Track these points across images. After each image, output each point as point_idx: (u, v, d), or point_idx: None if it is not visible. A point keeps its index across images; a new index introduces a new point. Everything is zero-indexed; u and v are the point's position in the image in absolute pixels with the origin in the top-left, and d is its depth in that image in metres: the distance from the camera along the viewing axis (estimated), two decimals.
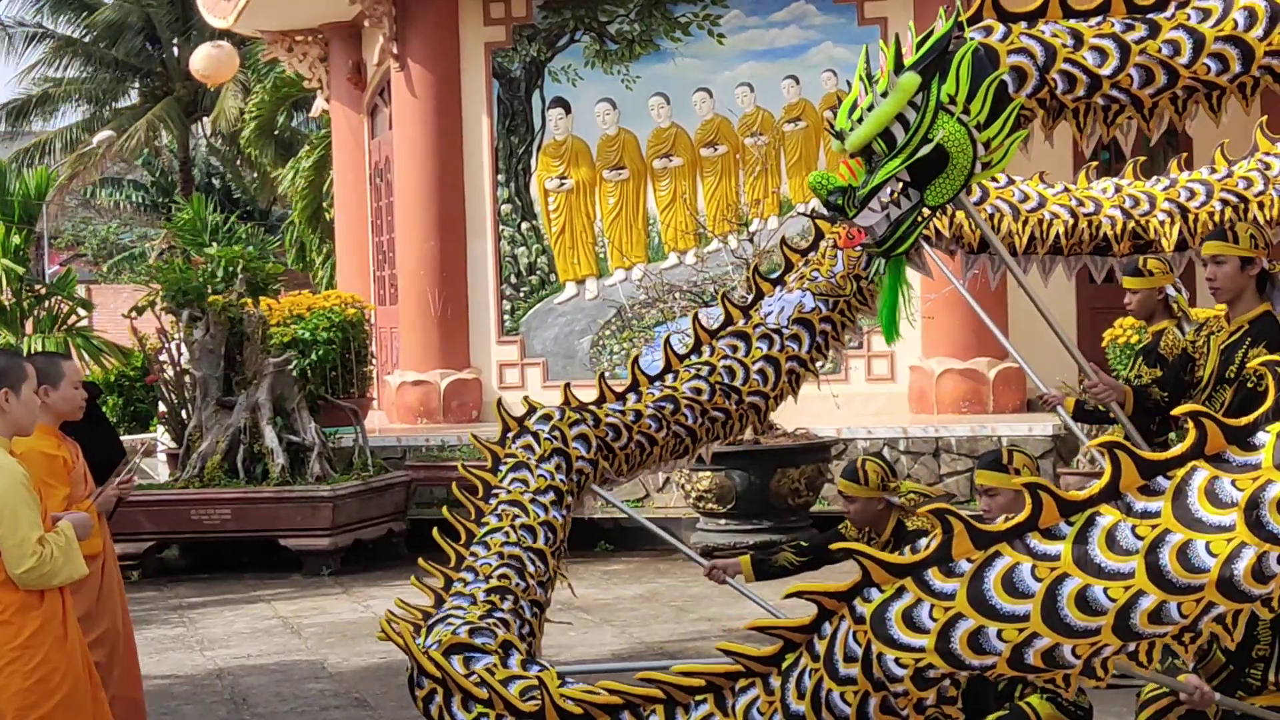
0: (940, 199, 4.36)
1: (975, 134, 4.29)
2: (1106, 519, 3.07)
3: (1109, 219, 6.11)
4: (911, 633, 3.10)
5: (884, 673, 3.12)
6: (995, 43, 4.41)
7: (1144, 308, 6.81)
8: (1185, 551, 2.97)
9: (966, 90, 4.27)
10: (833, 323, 5.59)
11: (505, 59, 15.12)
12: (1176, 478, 3.05)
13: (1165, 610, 2.97)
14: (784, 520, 11.55)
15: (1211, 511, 2.99)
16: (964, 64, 4.28)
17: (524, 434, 5.14)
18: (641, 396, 5.36)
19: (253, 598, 11.21)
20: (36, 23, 34.16)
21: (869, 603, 3.16)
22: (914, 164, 4.27)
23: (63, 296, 18.83)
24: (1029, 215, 6.11)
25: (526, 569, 4.58)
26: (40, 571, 4.93)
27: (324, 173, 21.68)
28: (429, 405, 15.04)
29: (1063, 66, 4.45)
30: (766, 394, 5.50)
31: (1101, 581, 3.01)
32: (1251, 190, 5.89)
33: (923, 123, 4.25)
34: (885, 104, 4.26)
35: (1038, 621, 3.02)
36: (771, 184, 14.57)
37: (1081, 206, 6.15)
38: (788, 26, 14.60)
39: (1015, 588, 3.05)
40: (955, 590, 3.09)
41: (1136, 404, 5.89)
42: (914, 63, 4.27)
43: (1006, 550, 3.10)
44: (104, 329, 20.35)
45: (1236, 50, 4.51)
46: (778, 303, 5.57)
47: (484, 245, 15.20)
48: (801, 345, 5.53)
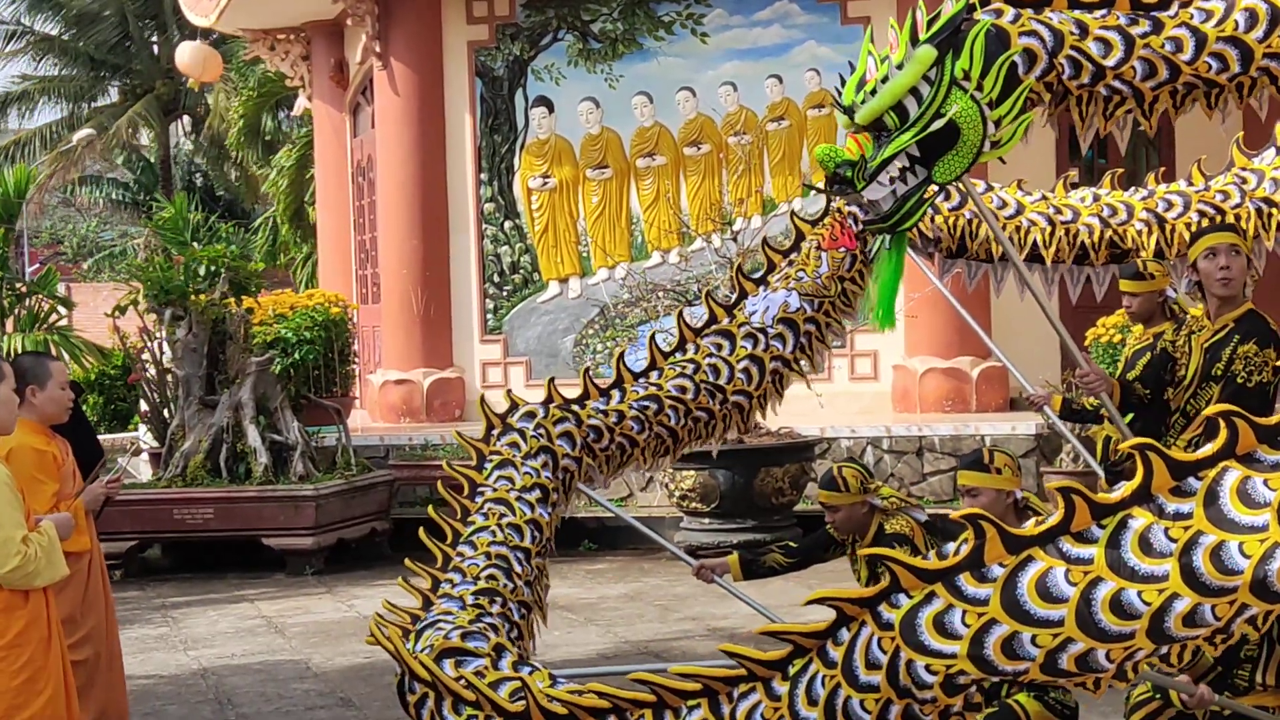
0: (948, 176, 4.35)
1: (987, 112, 4.30)
2: (1139, 521, 3.03)
3: (1086, 227, 6.13)
4: (943, 639, 3.06)
5: (912, 679, 3.08)
6: (1006, 24, 4.43)
7: (1143, 310, 6.85)
8: (1219, 553, 2.93)
9: (980, 67, 4.27)
10: (817, 324, 5.57)
11: (488, 58, 15.11)
12: (1208, 479, 3.01)
13: (1200, 613, 2.94)
14: (768, 519, 11.55)
15: (1244, 512, 2.95)
16: (978, 41, 4.29)
17: (509, 431, 5.10)
18: (625, 394, 5.32)
19: (236, 597, 11.18)
20: (15, 20, 34.02)
21: (897, 609, 3.12)
22: (925, 139, 4.27)
23: (44, 295, 18.76)
24: (1006, 222, 6.12)
25: (514, 569, 4.55)
26: (24, 571, 4.91)
27: (305, 171, 21.64)
28: (412, 404, 15.02)
29: (1069, 52, 4.47)
30: (750, 393, 5.46)
31: (1136, 585, 2.97)
32: (1228, 203, 5.94)
33: (936, 97, 4.25)
34: (901, 76, 4.24)
35: (1072, 626, 2.99)
36: (755, 183, 14.58)
37: (1059, 214, 6.16)
38: (771, 26, 14.60)
39: (1050, 592, 3.02)
40: (989, 596, 3.05)
41: (1123, 398, 5.94)
42: (930, 36, 4.27)
43: (1040, 555, 3.06)
44: (83, 328, 20.28)
45: (1236, 51, 4.55)
46: (762, 302, 5.54)
47: (467, 244, 15.18)
48: (786, 345, 5.50)
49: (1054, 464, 12.15)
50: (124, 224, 38.44)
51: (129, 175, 37.80)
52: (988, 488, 5.06)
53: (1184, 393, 5.73)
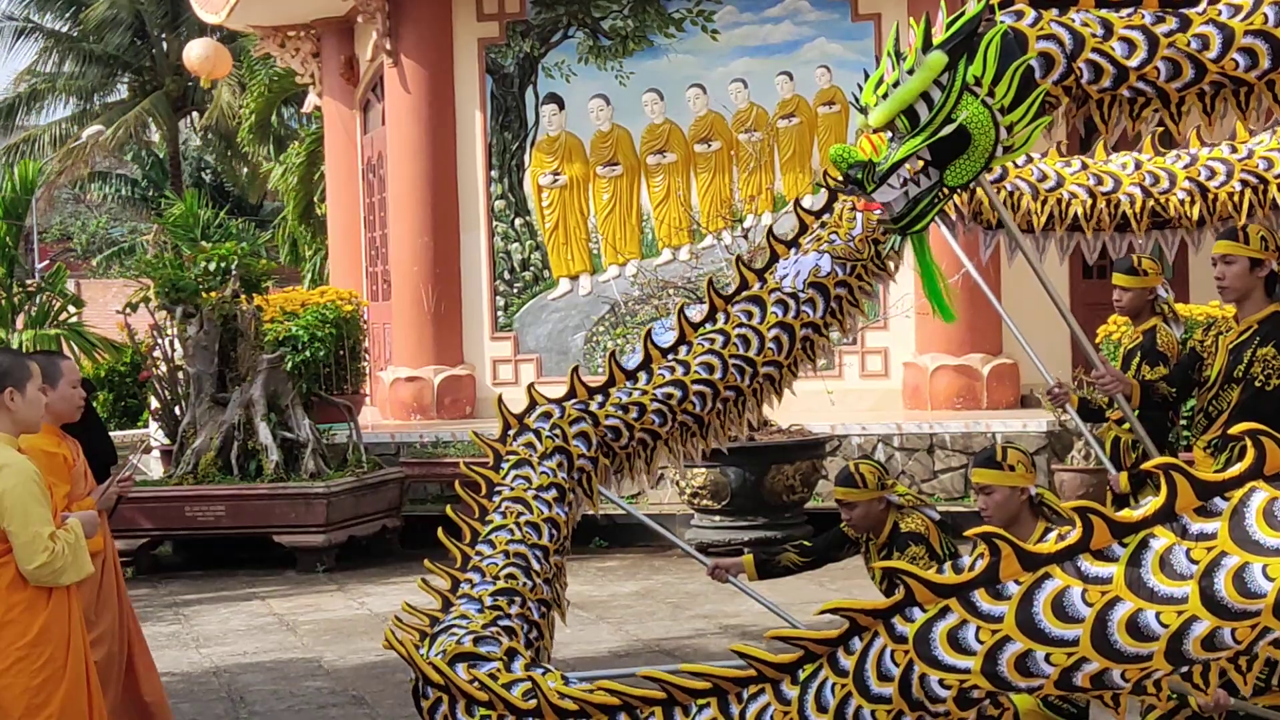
0: (960, 180, 4.35)
1: (999, 117, 4.29)
2: (1160, 541, 2.99)
3: (1128, 196, 5.96)
4: (957, 654, 3.05)
5: (925, 693, 3.07)
6: (1025, 27, 4.40)
7: (1134, 306, 6.86)
8: (1241, 575, 2.87)
9: (993, 73, 4.26)
10: (849, 287, 5.36)
11: (499, 55, 15.11)
12: (1234, 499, 2.96)
13: (1219, 636, 2.90)
14: (778, 517, 11.55)
15: (1269, 534, 2.89)
16: (992, 46, 4.27)
17: (525, 431, 5.10)
18: (653, 376, 5.20)
19: (248, 595, 11.19)
20: (26, 17, 34.06)
21: (911, 622, 3.10)
22: (935, 143, 4.26)
23: (52, 293, 18.78)
24: (1048, 195, 5.99)
25: (532, 566, 4.56)
26: (52, 568, 4.94)
27: (315, 168, 21.64)
28: (422, 401, 15.03)
29: (1090, 56, 4.43)
30: (780, 363, 5.29)
31: (1154, 606, 2.93)
32: (1272, 171, 5.77)
33: (947, 102, 4.24)
34: (911, 81, 4.25)
35: (1087, 646, 2.96)
36: (765, 180, 14.57)
37: (1100, 185, 6.01)
38: (781, 22, 14.60)
39: (1065, 612, 2.99)
40: (1003, 613, 3.03)
41: (1143, 398, 5.91)
42: (942, 42, 4.26)
43: (1056, 573, 3.03)
44: (93, 324, 20.30)
45: (1266, 45, 4.45)
46: (793, 266, 5.35)
47: (477, 241, 15.19)
48: (816, 310, 5.30)
49: (1065, 461, 12.14)
50: (133, 220, 38.50)
51: (138, 171, 37.88)
52: (1001, 485, 5.03)
53: (1207, 393, 5.69)
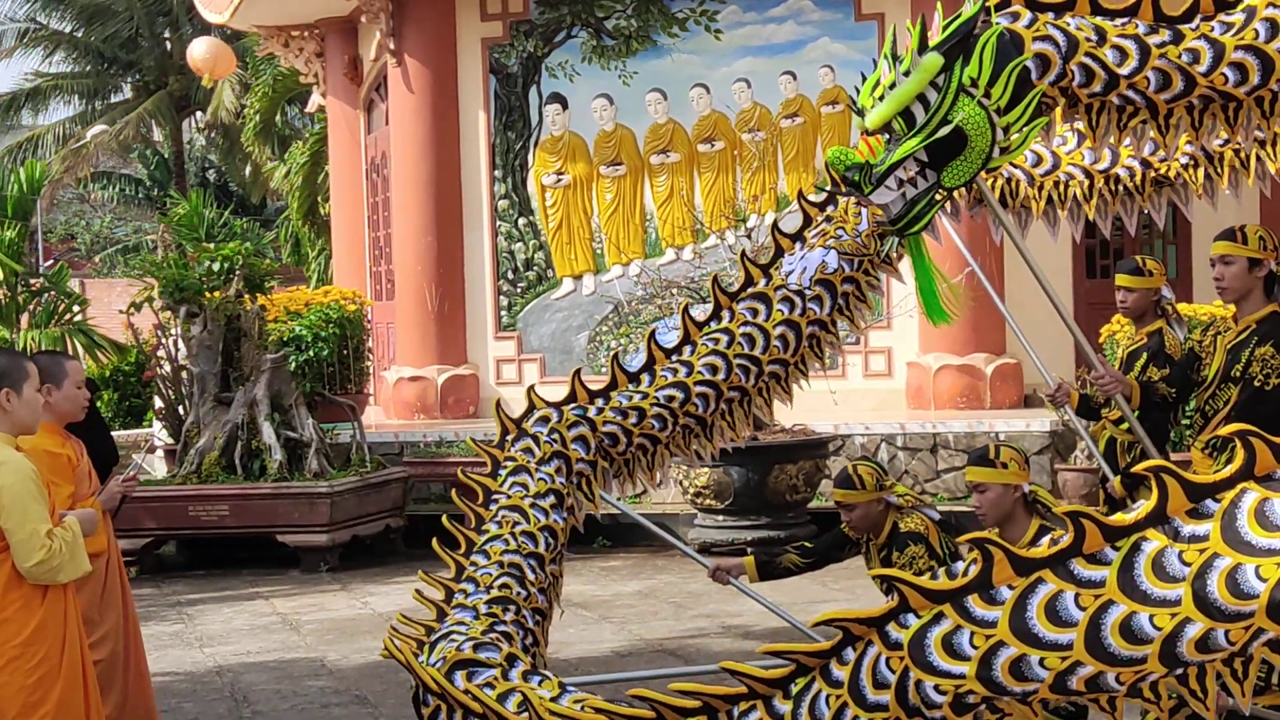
0: (957, 181, 4.35)
1: (995, 118, 4.29)
2: (1153, 544, 2.99)
3: (1127, 169, 5.89)
4: (951, 659, 3.06)
5: (921, 699, 3.08)
6: (1021, 29, 4.40)
7: (1138, 306, 6.84)
8: (1234, 576, 2.88)
9: (989, 74, 4.27)
10: (856, 283, 5.27)
11: (502, 55, 15.11)
12: (1225, 500, 2.97)
13: (1212, 638, 2.90)
14: (782, 516, 11.56)
15: (1261, 534, 2.89)
16: (988, 48, 4.28)
17: (523, 436, 5.07)
18: (655, 378, 5.16)
19: (251, 594, 11.20)
20: (29, 17, 34.09)
21: (906, 629, 3.11)
22: (932, 144, 4.26)
23: (55, 292, 18.81)
24: (1043, 180, 5.94)
25: (527, 576, 4.54)
26: (49, 566, 4.94)
27: (319, 168, 21.66)
28: (426, 401, 15.04)
29: (1082, 59, 4.44)
30: (786, 361, 5.22)
31: (1147, 609, 2.94)
32: None
33: (943, 104, 4.25)
34: (907, 83, 4.26)
35: (1081, 650, 2.97)
36: (769, 180, 14.57)
37: (1097, 163, 5.93)
38: (785, 22, 14.60)
39: (1059, 616, 3.00)
40: (997, 618, 3.04)
41: (1143, 399, 5.91)
42: (938, 44, 4.27)
43: (1050, 577, 3.04)
44: (97, 323, 20.33)
45: (1257, 60, 4.44)
46: (799, 262, 5.27)
47: (481, 241, 15.19)
48: (823, 307, 5.22)
49: (1068, 461, 12.14)
50: (137, 219, 38.53)
51: (142, 171, 37.91)
52: (995, 483, 5.03)
53: (1205, 392, 5.70)
